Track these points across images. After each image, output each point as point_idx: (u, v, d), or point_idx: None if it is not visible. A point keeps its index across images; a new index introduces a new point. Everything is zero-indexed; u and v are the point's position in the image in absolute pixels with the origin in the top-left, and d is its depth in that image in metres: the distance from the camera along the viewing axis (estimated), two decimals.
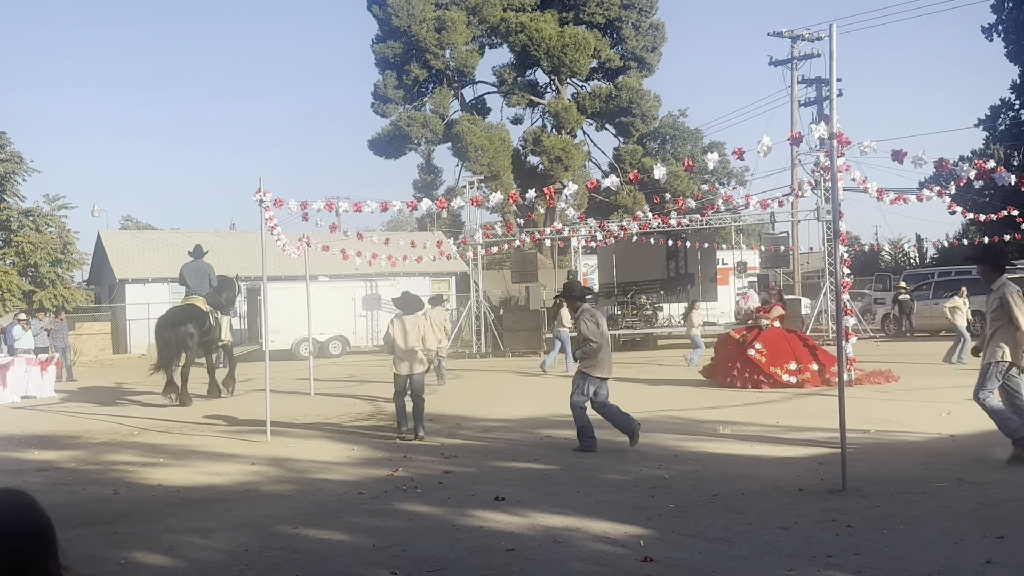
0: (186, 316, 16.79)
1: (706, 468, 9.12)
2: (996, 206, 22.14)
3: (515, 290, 35.72)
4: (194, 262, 17.45)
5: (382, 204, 12.64)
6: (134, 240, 41.16)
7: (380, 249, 21.99)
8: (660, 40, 51.95)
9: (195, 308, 16.93)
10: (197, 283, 17.27)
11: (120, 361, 34.01)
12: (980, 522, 6.68)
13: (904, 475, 8.39)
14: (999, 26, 42.63)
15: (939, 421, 11.45)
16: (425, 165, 53.89)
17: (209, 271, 17.57)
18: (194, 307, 16.97)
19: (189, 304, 17.13)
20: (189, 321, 16.63)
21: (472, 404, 15.38)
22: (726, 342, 17.12)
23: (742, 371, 16.10)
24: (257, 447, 11.43)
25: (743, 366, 16.11)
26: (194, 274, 17.30)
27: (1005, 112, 43.10)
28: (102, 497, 8.78)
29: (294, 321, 25.82)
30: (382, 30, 50.71)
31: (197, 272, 17.32)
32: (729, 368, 16.39)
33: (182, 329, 16.52)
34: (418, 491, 8.46)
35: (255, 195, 11.73)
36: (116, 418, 15.08)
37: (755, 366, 15.91)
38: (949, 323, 20.42)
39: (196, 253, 17.53)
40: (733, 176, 53.59)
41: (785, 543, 6.33)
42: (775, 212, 28.83)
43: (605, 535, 6.67)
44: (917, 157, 8.31)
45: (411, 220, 64.19)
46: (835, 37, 7.47)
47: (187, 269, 17.42)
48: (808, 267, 42.75)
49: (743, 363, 16.10)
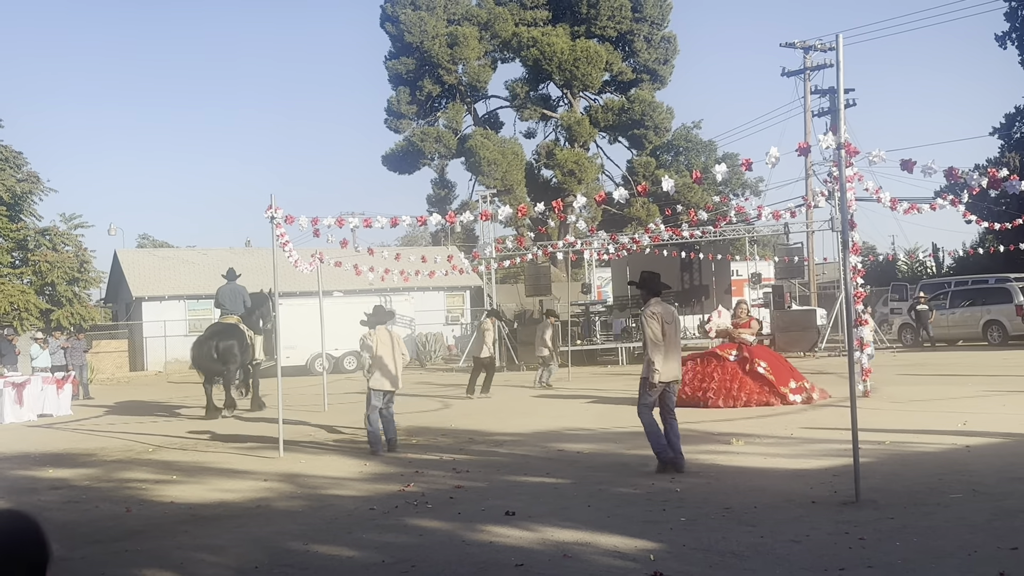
0: (228, 332, 17.54)
1: (718, 480, 9.07)
2: (1012, 214, 21.98)
3: (529, 304, 35.72)
4: (228, 284, 18.26)
5: (392, 219, 12.67)
6: (150, 258, 41.43)
7: (392, 264, 22.04)
8: (672, 52, 52.03)
9: (234, 326, 17.65)
10: (233, 304, 18.10)
11: (137, 378, 34.18)
12: (995, 533, 6.61)
13: (918, 486, 8.31)
14: (1012, 34, 42.45)
15: (955, 431, 11.35)
16: (439, 180, 54.07)
17: (243, 292, 18.32)
18: (233, 325, 17.69)
19: (228, 323, 17.87)
20: (231, 337, 17.38)
21: (485, 419, 15.37)
22: (708, 359, 15.86)
23: (741, 389, 15.18)
24: (270, 463, 11.45)
25: (743, 384, 15.16)
26: (229, 295, 18.17)
27: (1020, 120, 42.85)
28: (114, 515, 8.80)
29: (308, 337, 25.87)
30: (395, 46, 51.00)
31: (232, 293, 18.18)
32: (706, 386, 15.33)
33: (223, 344, 17.22)
34: (429, 506, 8.45)
35: (266, 212, 11.78)
36: (131, 435, 15.14)
37: (768, 383, 15.17)
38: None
39: (230, 276, 18.34)
40: (747, 187, 53.50)
41: (797, 556, 6.28)
42: (789, 223, 28.74)
43: (615, 549, 6.63)
44: (926, 166, 8.26)
45: (426, 235, 64.36)
46: (841, 47, 7.46)
47: (222, 291, 18.32)
48: (824, 277, 42.57)
49: (741, 382, 15.16)
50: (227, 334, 17.42)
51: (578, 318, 31.83)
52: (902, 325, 31.43)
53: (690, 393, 15.05)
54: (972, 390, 15.79)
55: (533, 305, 34.20)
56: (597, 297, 34.46)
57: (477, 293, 39.06)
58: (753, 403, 15.00)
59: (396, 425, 12.48)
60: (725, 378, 15.36)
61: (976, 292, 29.75)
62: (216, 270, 38.99)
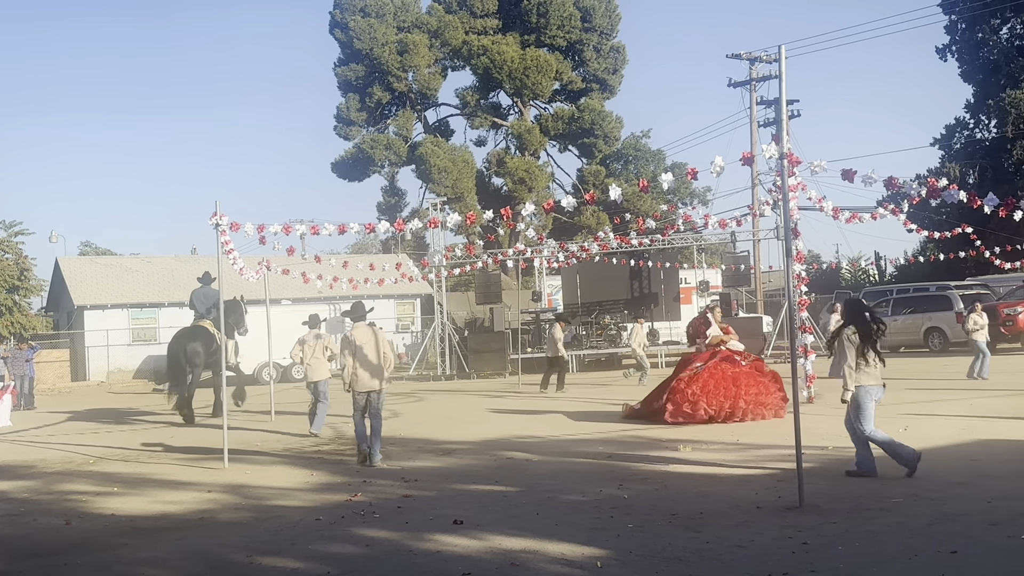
0: (193, 336, 18.04)
1: (666, 487, 9.12)
2: (952, 224, 22.46)
3: (480, 311, 35.69)
4: (202, 288, 18.68)
5: (340, 227, 12.58)
6: (93, 266, 40.59)
7: (341, 272, 21.88)
8: (621, 62, 52.47)
9: (202, 329, 18.07)
10: (204, 307, 18.48)
11: (79, 389, 33.47)
12: (934, 537, 6.74)
13: (861, 491, 8.44)
14: (953, 46, 43.54)
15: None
16: (389, 187, 53.88)
17: (215, 296, 18.01)
18: (202, 328, 18.12)
19: (197, 326, 18.37)
20: (196, 340, 17.89)
21: (435, 427, 15.31)
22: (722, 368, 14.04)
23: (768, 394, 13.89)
24: (214, 474, 11.27)
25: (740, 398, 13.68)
26: (202, 299, 18.55)
27: (960, 131, 43.89)
28: (54, 528, 8.61)
29: (255, 346, 25.57)
30: (344, 53, 50.78)
31: (205, 297, 18.56)
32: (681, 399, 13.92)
33: (190, 347, 17.81)
34: (376, 516, 8.38)
35: (211, 219, 11.61)
36: (72, 447, 14.82)
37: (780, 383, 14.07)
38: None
39: (204, 280, 18.76)
40: (696, 196, 54.09)
41: (742, 562, 6.33)
42: (735, 231, 29.11)
43: (563, 557, 6.64)
44: (867, 176, 8.42)
45: (376, 243, 64.05)
46: (784, 59, 7.57)
47: (196, 295, 18.79)
48: (769, 285, 43.15)
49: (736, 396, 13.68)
50: (194, 336, 17.99)
51: (528, 326, 31.87)
52: None
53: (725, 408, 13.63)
54: (913, 396, 16.07)
55: (484, 313, 34.17)
56: (548, 305, 34.55)
57: (427, 301, 38.92)
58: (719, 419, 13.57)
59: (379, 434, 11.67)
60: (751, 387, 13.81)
61: (917, 300, 30.35)
62: (160, 278, 38.68)
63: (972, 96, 43.18)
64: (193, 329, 18.40)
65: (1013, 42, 42.53)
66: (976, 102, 42.84)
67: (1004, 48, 42.08)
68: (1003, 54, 41.72)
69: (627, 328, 26.18)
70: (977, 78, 42.58)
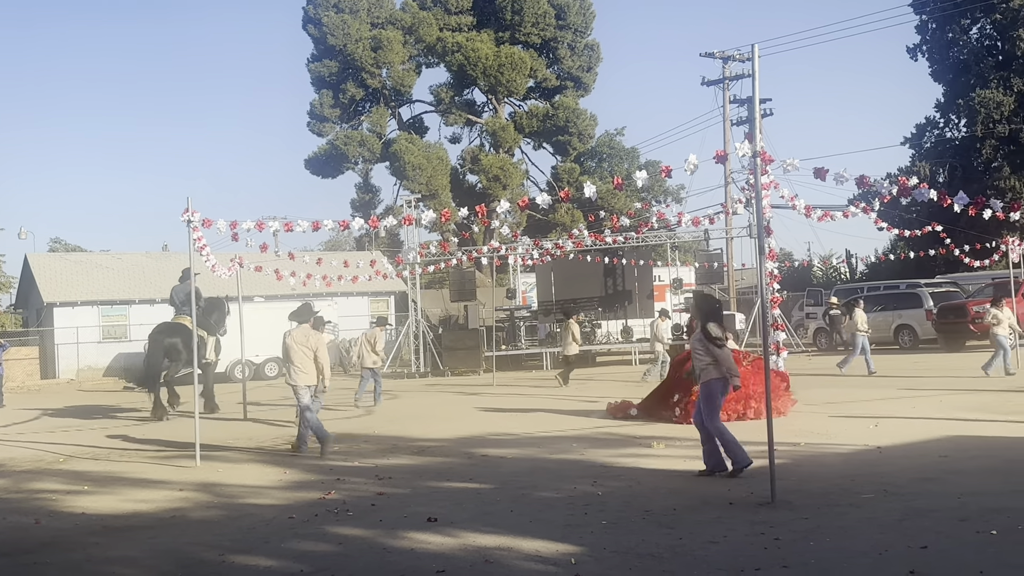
0: (173, 331, 18.08)
1: (639, 484, 9.15)
2: (922, 222, 22.70)
3: (454, 309, 35.65)
4: (183, 284, 18.37)
5: (314, 224, 12.53)
6: (62, 262, 40.13)
7: (315, 269, 21.79)
8: (595, 60, 52.52)
9: (181, 325, 17.91)
10: (185, 304, 18.22)
11: (48, 386, 33.09)
12: (905, 532, 6.81)
13: (832, 487, 8.52)
14: (923, 46, 43.94)
15: (867, 433, 11.67)
16: (363, 184, 53.63)
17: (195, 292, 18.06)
18: (181, 324, 17.98)
19: (176, 322, 18.38)
20: (176, 335, 17.87)
21: (408, 424, 15.28)
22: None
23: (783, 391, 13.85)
24: (186, 472, 11.19)
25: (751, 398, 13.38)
26: (183, 295, 18.26)
27: (930, 130, 44.33)
28: (23, 526, 8.51)
29: (228, 343, 25.40)
30: (317, 49, 50.49)
31: (183, 293, 18.35)
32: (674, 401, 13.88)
33: (168, 341, 17.84)
34: (350, 514, 8.35)
35: (183, 215, 11.52)
36: (42, 445, 14.65)
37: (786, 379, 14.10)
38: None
39: (185, 276, 18.51)
40: (669, 194, 54.26)
41: (715, 557, 6.37)
42: (709, 229, 29.25)
43: (537, 554, 6.65)
44: (839, 174, 8.49)
45: (350, 240, 63.80)
46: (757, 58, 7.62)
47: (176, 291, 18.77)
48: (743, 283, 43.39)
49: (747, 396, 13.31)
50: (172, 332, 18.03)
51: (503, 323, 31.88)
52: (817, 329, 32.20)
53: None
54: (884, 393, 16.24)
55: (458, 311, 34.14)
56: (522, 302, 34.57)
57: (402, 298, 38.83)
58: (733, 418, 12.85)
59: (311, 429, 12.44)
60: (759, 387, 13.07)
61: (888, 297, 30.66)
62: (131, 275, 38.30)
63: (942, 95, 43.61)
64: (173, 325, 18.45)
65: (983, 42, 43.01)
66: (946, 101, 43.28)
67: (974, 48, 42.54)
68: (973, 54, 42.17)
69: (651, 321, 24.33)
70: (947, 78, 43.01)
